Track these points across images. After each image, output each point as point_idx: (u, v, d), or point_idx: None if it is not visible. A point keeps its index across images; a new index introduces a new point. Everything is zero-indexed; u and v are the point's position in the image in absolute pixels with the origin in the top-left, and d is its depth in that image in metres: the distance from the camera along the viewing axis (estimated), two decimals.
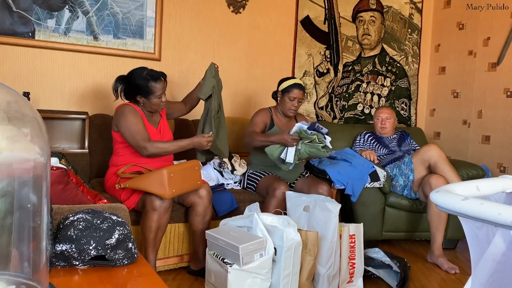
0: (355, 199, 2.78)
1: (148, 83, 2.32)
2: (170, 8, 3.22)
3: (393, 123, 3.34)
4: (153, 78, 2.33)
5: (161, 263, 2.39)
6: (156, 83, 2.33)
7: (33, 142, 0.85)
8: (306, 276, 2.05)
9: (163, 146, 2.34)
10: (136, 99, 2.39)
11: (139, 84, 2.33)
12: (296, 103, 2.77)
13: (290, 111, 2.79)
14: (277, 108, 2.89)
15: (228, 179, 2.82)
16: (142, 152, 2.30)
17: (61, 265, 1.21)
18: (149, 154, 2.30)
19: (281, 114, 2.87)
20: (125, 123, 2.31)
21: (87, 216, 1.25)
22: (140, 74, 2.34)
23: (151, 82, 2.33)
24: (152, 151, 2.30)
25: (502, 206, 0.83)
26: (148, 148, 2.28)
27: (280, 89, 2.81)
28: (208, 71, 2.56)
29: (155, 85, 2.33)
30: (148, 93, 2.34)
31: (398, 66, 4.04)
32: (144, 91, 2.34)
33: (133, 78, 2.36)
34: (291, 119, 2.91)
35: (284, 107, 2.80)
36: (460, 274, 2.58)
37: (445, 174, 2.74)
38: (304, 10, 3.68)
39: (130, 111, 2.34)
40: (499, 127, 3.44)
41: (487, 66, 3.55)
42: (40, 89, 2.90)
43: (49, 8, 2.86)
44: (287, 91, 2.77)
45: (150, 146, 2.29)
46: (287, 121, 2.89)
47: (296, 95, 2.76)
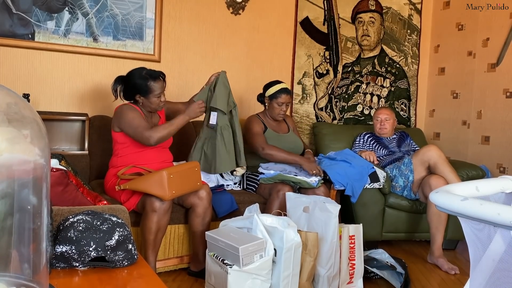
0: (355, 200, 2.78)
1: (147, 82, 2.33)
2: (170, 9, 3.23)
3: (393, 124, 3.34)
4: (152, 77, 2.34)
5: (161, 265, 2.39)
6: (155, 82, 2.34)
7: (33, 144, 0.85)
8: (306, 277, 2.05)
9: (165, 127, 2.35)
10: (135, 99, 2.39)
11: (138, 83, 2.34)
12: (284, 107, 2.82)
13: (279, 116, 2.84)
14: (265, 113, 2.93)
15: (228, 180, 2.82)
16: (149, 142, 2.29)
17: (61, 266, 1.21)
18: (156, 140, 2.30)
19: (270, 118, 2.91)
20: (126, 119, 2.32)
21: (87, 217, 1.25)
22: (139, 73, 2.35)
23: (150, 81, 2.33)
24: (157, 136, 2.29)
25: (502, 206, 0.83)
26: (153, 135, 2.28)
27: (267, 94, 2.84)
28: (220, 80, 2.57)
29: (154, 84, 2.34)
30: (147, 92, 2.35)
31: (397, 67, 4.05)
32: (143, 90, 2.34)
33: (132, 77, 2.36)
34: (281, 121, 2.97)
35: (273, 113, 2.84)
36: (460, 275, 2.58)
37: (444, 175, 2.74)
38: (304, 11, 3.68)
39: (129, 108, 2.36)
40: (498, 128, 3.44)
41: (486, 66, 3.55)
42: (40, 91, 2.90)
43: (48, 9, 2.87)
44: (275, 97, 2.79)
45: (154, 132, 2.29)
46: (277, 124, 2.94)
47: (284, 100, 2.79)
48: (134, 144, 2.39)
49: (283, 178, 2.61)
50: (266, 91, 2.86)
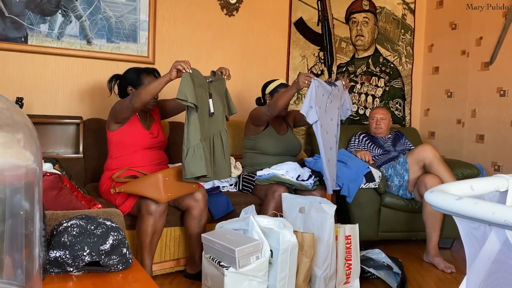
0: (350, 200, 2.78)
1: (140, 75, 2.40)
2: (164, 11, 3.22)
3: (388, 124, 3.35)
4: (145, 71, 2.42)
5: (158, 267, 2.38)
6: (148, 77, 2.40)
7: (25, 148, 0.84)
8: (303, 278, 2.05)
9: (144, 86, 2.19)
10: (127, 91, 2.42)
11: (130, 75, 2.42)
12: None
13: (283, 111, 2.82)
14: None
15: (224, 182, 2.82)
16: (133, 104, 2.18)
17: (55, 271, 1.20)
18: (138, 100, 2.16)
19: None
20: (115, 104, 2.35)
21: (81, 222, 1.24)
22: (134, 68, 2.46)
23: (143, 74, 2.41)
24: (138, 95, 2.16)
25: (496, 205, 0.83)
26: (133, 96, 2.18)
27: (268, 91, 2.85)
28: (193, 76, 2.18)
29: (146, 77, 2.39)
30: (138, 84, 2.38)
31: (391, 66, 4.06)
32: (135, 81, 2.40)
33: (127, 72, 2.46)
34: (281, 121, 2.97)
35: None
36: (456, 273, 2.58)
37: (440, 174, 2.75)
38: (298, 12, 3.68)
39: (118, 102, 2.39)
40: (493, 126, 3.46)
41: (480, 65, 3.57)
42: (33, 94, 2.88)
43: (41, 13, 2.85)
44: (276, 91, 2.81)
45: (134, 94, 2.21)
46: (280, 121, 2.93)
47: None
48: (129, 144, 2.38)
49: (278, 179, 2.61)
50: (266, 89, 2.88)
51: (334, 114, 2.58)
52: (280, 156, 2.84)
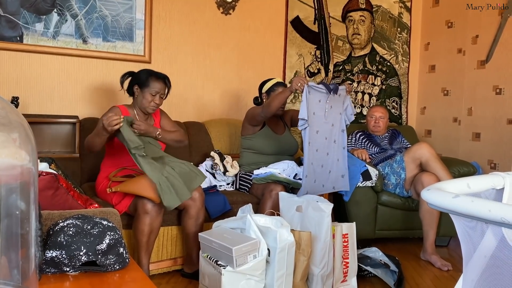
0: (347, 199, 2.79)
1: (149, 76, 2.40)
2: (160, 10, 3.21)
3: (386, 123, 3.36)
4: (155, 75, 2.41)
5: (155, 267, 2.38)
6: (156, 81, 2.40)
7: (21, 148, 0.84)
8: (300, 276, 2.05)
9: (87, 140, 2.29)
10: (133, 90, 2.43)
11: (140, 75, 2.42)
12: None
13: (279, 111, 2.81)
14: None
15: (221, 181, 2.82)
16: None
17: (51, 271, 1.20)
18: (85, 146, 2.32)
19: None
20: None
21: (77, 221, 1.23)
22: (147, 70, 2.45)
23: (152, 77, 2.40)
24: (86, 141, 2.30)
25: (492, 203, 0.83)
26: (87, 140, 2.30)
27: (264, 90, 2.85)
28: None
29: (154, 81, 2.39)
30: (144, 85, 2.39)
31: (388, 65, 4.06)
32: (142, 81, 2.40)
33: (140, 71, 2.45)
34: (278, 121, 2.95)
35: None
36: (453, 271, 2.59)
37: (436, 172, 2.76)
38: (294, 11, 3.68)
39: (111, 108, 2.38)
40: (489, 124, 3.47)
41: (476, 63, 3.58)
42: (29, 94, 2.87)
43: (37, 11, 2.84)
44: (273, 90, 2.80)
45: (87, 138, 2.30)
46: (276, 120, 2.93)
47: None
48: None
49: (275, 178, 2.61)
50: (262, 88, 2.87)
51: (336, 119, 2.58)
52: (277, 156, 2.84)
